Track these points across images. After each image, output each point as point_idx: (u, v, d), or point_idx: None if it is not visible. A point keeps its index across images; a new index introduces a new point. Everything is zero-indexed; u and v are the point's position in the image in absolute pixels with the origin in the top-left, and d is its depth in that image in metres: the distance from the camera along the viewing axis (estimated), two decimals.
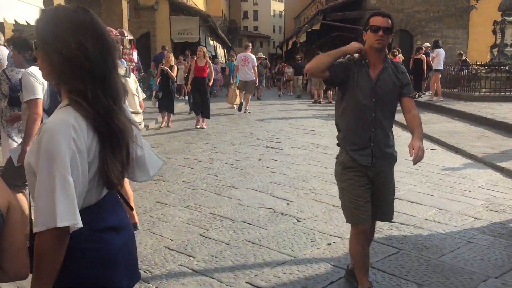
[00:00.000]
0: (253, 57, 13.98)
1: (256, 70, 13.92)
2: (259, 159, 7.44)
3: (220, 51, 36.11)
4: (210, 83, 11.36)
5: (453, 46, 23.08)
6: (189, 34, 23.62)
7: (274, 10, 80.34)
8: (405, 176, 6.30)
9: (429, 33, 23.07)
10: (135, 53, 16.59)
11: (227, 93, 16.02)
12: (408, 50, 21.85)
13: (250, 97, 14.25)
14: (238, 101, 14.24)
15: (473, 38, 23.57)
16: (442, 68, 15.00)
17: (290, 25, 53.34)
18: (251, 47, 14.41)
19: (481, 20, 23.76)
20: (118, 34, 15.80)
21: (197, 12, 23.82)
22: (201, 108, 10.87)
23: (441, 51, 14.87)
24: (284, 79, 23.77)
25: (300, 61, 22.30)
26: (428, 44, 18.99)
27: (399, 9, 22.94)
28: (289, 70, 23.22)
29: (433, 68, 14.83)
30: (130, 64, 15.81)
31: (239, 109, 13.72)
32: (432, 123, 11.02)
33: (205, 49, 11.31)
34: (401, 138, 9.34)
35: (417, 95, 15.90)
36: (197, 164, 7.15)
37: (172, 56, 11.33)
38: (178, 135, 9.99)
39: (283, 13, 69.11)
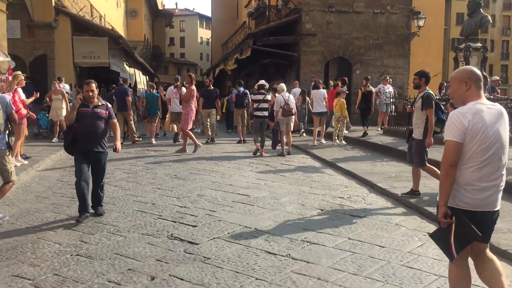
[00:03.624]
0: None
1: None
2: (152, 279, 4.06)
3: (141, 78, 32.31)
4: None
5: (394, 76, 21.08)
6: (96, 58, 19.92)
7: (201, 37, 78.07)
8: None
9: (369, 61, 20.99)
10: None
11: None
12: (347, 79, 19.53)
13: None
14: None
15: (414, 68, 21.74)
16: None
17: (217, 52, 50.58)
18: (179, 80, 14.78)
19: (423, 50, 22.18)
20: None
21: (106, 32, 20.17)
22: None
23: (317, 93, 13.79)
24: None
25: (211, 88, 14.90)
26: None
27: (337, 35, 20.67)
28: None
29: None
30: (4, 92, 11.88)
31: (174, 140, 14.18)
32: (408, 179, 8.16)
33: None
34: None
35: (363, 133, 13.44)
36: None
37: None
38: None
39: (210, 40, 66.59)
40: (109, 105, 6.16)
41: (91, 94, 5.90)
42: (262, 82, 12.91)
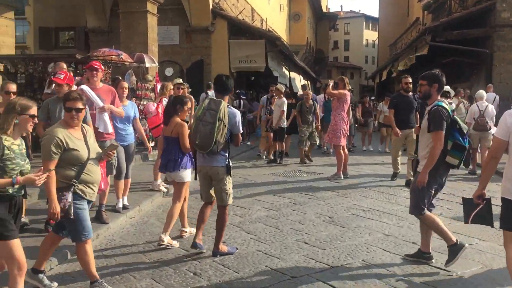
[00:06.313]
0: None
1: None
2: None
3: (301, 84, 30.61)
4: None
5: None
6: (252, 62, 18.58)
7: (367, 40, 74.70)
8: None
9: None
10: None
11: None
12: None
13: None
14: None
15: None
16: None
17: (384, 54, 46.91)
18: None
19: None
20: (128, 60, 10.98)
21: (263, 34, 18.70)
22: None
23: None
24: (377, 122, 14.96)
25: (409, 94, 8.67)
26: None
27: None
28: (385, 109, 12.81)
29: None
30: (148, 101, 10.82)
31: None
32: None
33: None
34: None
35: None
36: None
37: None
38: None
39: (376, 41, 62.79)
40: None
41: None
42: (447, 88, 10.25)
